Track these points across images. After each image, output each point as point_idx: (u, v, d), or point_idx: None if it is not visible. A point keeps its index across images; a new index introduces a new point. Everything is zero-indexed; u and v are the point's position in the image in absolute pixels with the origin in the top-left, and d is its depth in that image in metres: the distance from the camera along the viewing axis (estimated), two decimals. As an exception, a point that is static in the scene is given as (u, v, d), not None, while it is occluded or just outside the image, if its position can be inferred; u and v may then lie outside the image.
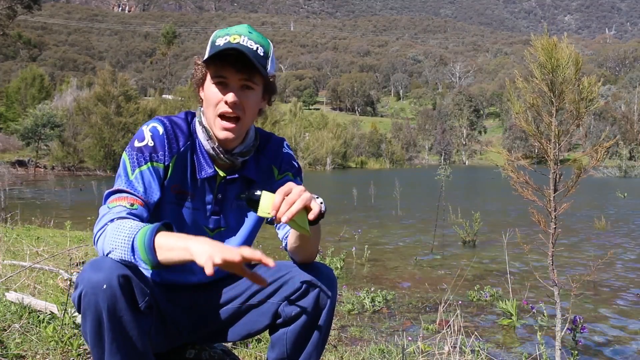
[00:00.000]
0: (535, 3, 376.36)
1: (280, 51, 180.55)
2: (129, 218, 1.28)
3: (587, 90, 2.05)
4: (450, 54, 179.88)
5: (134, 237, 1.20)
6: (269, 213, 1.23)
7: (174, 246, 1.16)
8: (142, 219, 1.32)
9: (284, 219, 1.20)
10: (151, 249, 1.17)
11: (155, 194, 1.38)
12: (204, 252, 1.10)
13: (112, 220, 1.27)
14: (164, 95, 65.15)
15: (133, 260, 1.20)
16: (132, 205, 1.33)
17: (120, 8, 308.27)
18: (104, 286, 1.17)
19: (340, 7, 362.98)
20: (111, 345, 1.21)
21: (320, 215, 1.30)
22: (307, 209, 1.25)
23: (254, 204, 1.25)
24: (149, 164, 1.37)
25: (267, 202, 1.23)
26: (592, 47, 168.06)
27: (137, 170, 1.36)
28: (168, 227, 1.25)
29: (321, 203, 1.31)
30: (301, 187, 1.24)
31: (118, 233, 1.22)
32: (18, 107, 45.98)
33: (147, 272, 1.49)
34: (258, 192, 1.25)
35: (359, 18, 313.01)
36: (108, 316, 1.19)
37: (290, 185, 1.24)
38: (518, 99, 2.28)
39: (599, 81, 2.06)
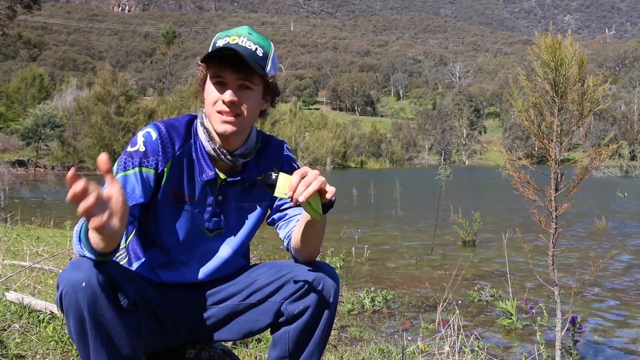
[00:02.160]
0: (535, 3, 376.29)
1: (280, 51, 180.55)
2: None
3: (591, 90, 2.03)
4: (450, 54, 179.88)
5: (80, 229, 1.22)
6: (285, 194, 1.25)
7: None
8: None
9: (301, 198, 1.22)
10: (86, 237, 1.19)
11: (138, 198, 1.39)
12: None
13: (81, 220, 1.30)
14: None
15: (82, 253, 1.22)
16: None
17: (120, 8, 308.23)
18: (83, 284, 1.18)
19: (340, 7, 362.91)
20: (95, 342, 1.22)
21: (330, 203, 1.32)
22: (321, 192, 1.26)
23: (270, 186, 1.27)
24: (136, 169, 1.38)
25: (284, 183, 1.26)
26: (592, 47, 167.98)
27: (120, 174, 1.38)
28: None
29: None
30: (316, 171, 1.26)
31: (76, 230, 1.25)
32: (18, 107, 45.97)
33: (144, 271, 1.49)
34: (274, 175, 1.28)
35: (359, 18, 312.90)
36: (89, 314, 1.19)
37: (306, 168, 1.27)
38: (521, 95, 2.26)
39: (605, 82, 2.03)
